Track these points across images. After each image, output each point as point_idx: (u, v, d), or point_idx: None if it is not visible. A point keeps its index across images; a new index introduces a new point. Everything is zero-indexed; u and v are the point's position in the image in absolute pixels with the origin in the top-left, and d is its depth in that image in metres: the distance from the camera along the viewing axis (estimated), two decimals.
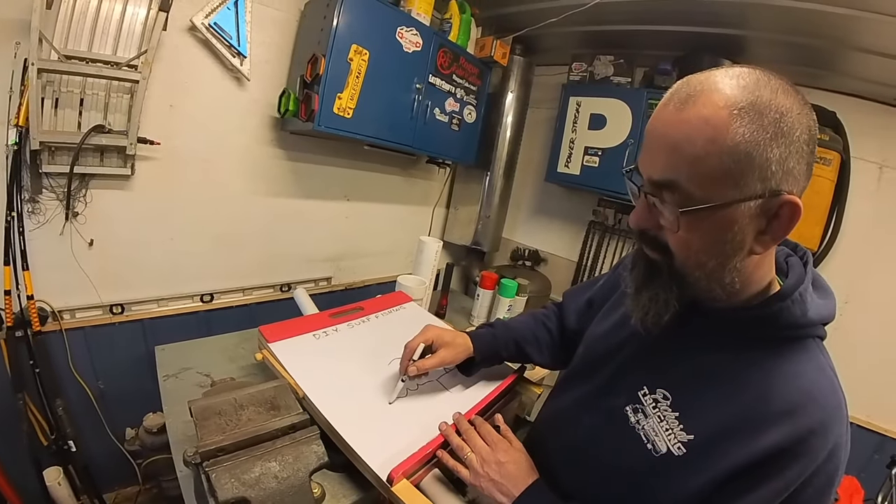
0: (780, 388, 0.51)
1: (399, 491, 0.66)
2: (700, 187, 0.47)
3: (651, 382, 0.61)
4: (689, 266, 0.53)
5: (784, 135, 0.45)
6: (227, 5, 1.49)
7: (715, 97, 0.46)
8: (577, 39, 2.32)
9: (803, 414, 0.50)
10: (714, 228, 0.49)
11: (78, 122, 1.35)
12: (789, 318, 0.52)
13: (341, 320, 1.07)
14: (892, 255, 1.91)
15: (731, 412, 0.53)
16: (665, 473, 0.56)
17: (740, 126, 0.44)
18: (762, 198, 0.47)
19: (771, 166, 0.45)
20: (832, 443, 0.50)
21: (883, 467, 1.50)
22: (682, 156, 0.47)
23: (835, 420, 0.51)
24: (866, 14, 1.44)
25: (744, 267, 0.52)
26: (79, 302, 1.48)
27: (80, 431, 1.50)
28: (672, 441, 0.56)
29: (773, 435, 0.49)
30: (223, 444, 0.60)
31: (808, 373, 0.53)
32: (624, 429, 0.61)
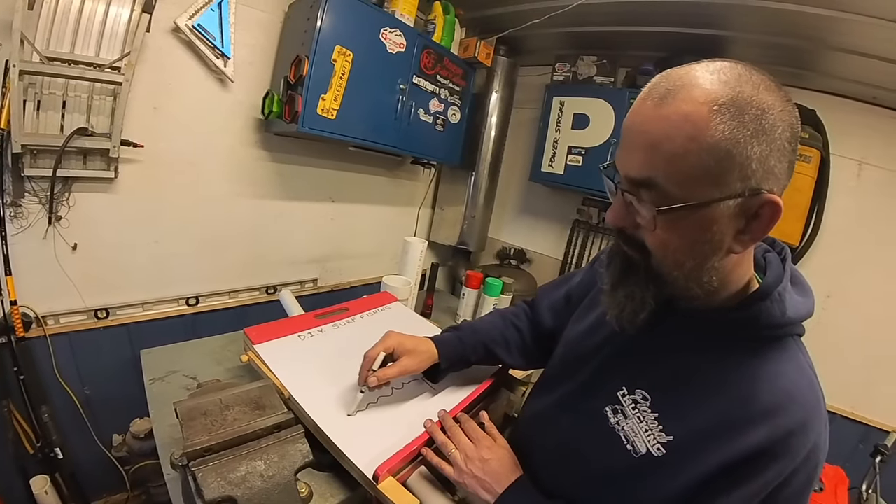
0: (759, 388, 0.51)
1: (385, 488, 0.66)
2: (678, 186, 0.46)
3: (630, 383, 0.60)
4: (667, 265, 0.52)
5: (765, 132, 0.44)
6: (211, 7, 1.49)
7: (695, 92, 0.44)
8: (561, 40, 2.34)
9: (783, 414, 0.49)
10: (692, 228, 0.48)
11: (60, 125, 1.34)
12: (769, 319, 0.52)
13: (326, 321, 1.07)
14: (873, 249, 1.95)
15: (710, 413, 0.52)
16: (644, 475, 0.56)
17: (720, 123, 0.43)
18: (742, 197, 0.46)
19: (751, 164, 0.44)
20: (811, 442, 0.49)
21: (867, 457, 1.53)
22: (660, 153, 0.46)
23: (814, 419, 0.50)
24: (846, 15, 1.47)
25: (722, 266, 0.51)
26: (63, 307, 1.46)
27: (66, 438, 1.48)
28: (651, 442, 0.55)
29: (753, 436, 0.49)
30: (209, 444, 0.60)
31: (787, 373, 0.52)
32: (604, 430, 0.61)
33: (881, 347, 1.94)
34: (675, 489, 0.53)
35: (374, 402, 0.83)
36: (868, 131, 1.96)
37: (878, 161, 1.95)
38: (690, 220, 0.47)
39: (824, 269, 2.00)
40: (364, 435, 0.75)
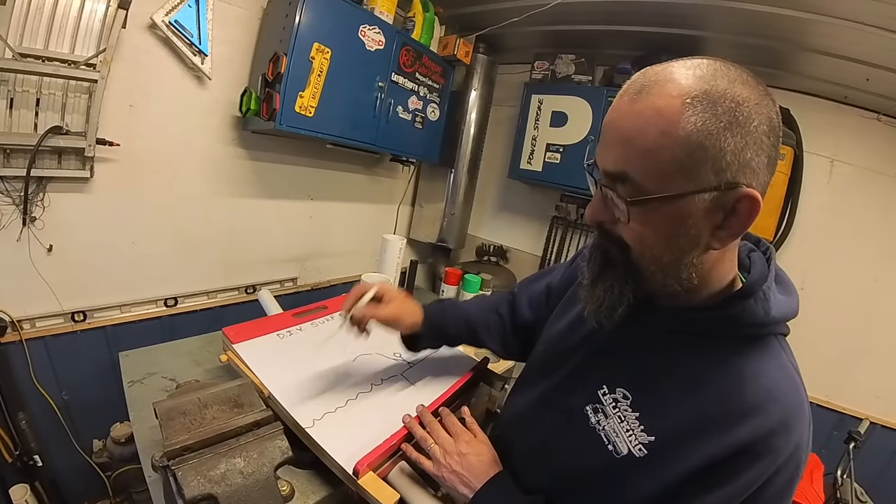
0: (741, 387, 0.50)
1: (366, 483, 0.66)
2: (652, 179, 0.46)
3: (611, 381, 0.59)
4: (645, 260, 0.51)
5: (740, 125, 0.43)
6: (189, 3, 1.46)
7: (669, 87, 0.45)
8: (540, 39, 2.37)
9: (765, 413, 0.48)
10: (667, 221, 0.48)
11: (34, 123, 1.30)
12: (752, 318, 0.51)
13: (305, 319, 1.08)
14: (844, 243, 2.02)
15: (692, 412, 0.52)
16: (626, 475, 0.54)
17: (693, 115, 0.43)
18: (717, 190, 0.45)
19: (725, 157, 0.44)
20: (794, 442, 0.49)
21: (841, 443, 1.57)
22: (634, 148, 0.46)
23: (796, 419, 0.50)
24: (818, 17, 1.52)
25: (701, 263, 0.50)
26: (39, 310, 1.43)
27: (45, 446, 1.45)
28: (633, 442, 0.54)
29: (734, 435, 0.48)
30: (188, 443, 0.60)
31: (769, 371, 0.51)
32: (584, 429, 0.59)
33: (853, 337, 2.02)
34: (656, 489, 0.52)
35: (354, 399, 0.84)
36: (839, 130, 2.02)
37: (848, 158, 2.02)
38: (663, 212, 0.47)
39: (797, 263, 2.06)
40: (344, 431, 0.75)
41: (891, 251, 1.95)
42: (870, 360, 1.99)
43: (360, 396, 0.85)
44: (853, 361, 2.01)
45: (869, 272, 1.98)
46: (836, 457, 1.54)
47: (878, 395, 1.98)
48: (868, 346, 1.99)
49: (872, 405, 1.97)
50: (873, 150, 1.98)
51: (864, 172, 1.99)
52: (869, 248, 1.98)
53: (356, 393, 0.85)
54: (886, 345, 1.96)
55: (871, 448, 1.84)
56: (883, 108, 1.93)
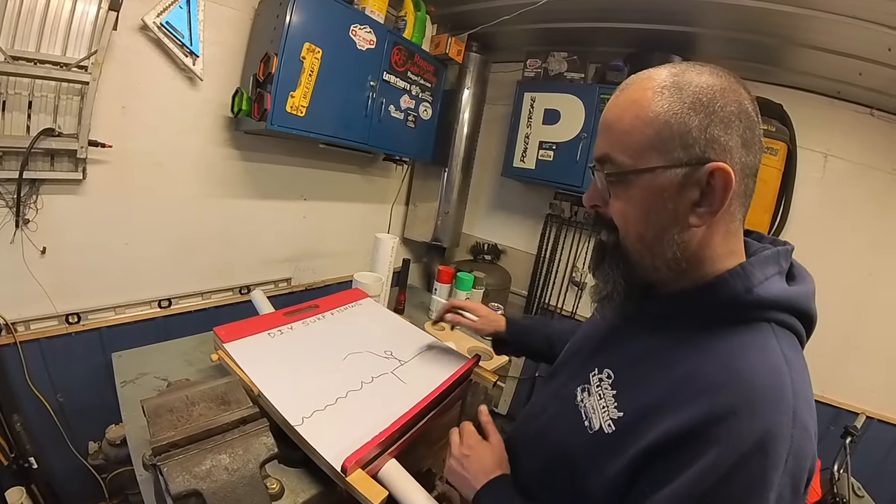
0: (707, 365, 0.48)
1: (354, 480, 0.67)
2: (629, 156, 0.51)
3: (602, 364, 0.61)
4: (630, 238, 0.54)
5: (703, 105, 0.48)
6: (180, 4, 1.47)
7: (644, 82, 0.51)
8: (532, 37, 2.38)
9: (725, 393, 0.45)
10: (645, 195, 0.51)
11: (27, 126, 1.31)
12: (729, 293, 0.50)
13: (296, 318, 1.08)
14: (838, 237, 2.02)
15: (658, 390, 0.50)
16: (596, 452, 0.54)
17: (660, 100, 0.49)
18: (688, 165, 0.48)
19: (691, 133, 0.48)
20: (762, 430, 0.42)
21: (837, 438, 1.58)
22: (613, 132, 0.53)
23: (768, 404, 0.44)
24: (810, 12, 1.52)
25: (685, 242, 0.51)
26: (33, 313, 1.43)
27: (40, 448, 1.45)
28: (605, 418, 0.55)
29: (687, 412, 0.45)
30: (174, 439, 0.60)
31: (744, 352, 0.48)
32: (571, 408, 0.61)
33: (847, 332, 2.02)
34: (618, 467, 0.50)
35: (344, 397, 0.84)
36: (833, 125, 2.03)
37: (842, 153, 2.02)
38: (640, 186, 0.51)
39: None
40: (333, 429, 0.75)
41: (884, 246, 1.95)
42: (864, 354, 2.00)
43: (350, 394, 0.85)
44: (848, 356, 2.02)
45: (863, 266, 1.99)
46: (833, 452, 1.54)
47: (872, 390, 1.98)
48: (862, 340, 2.00)
49: (868, 399, 1.97)
50: (866, 145, 1.98)
51: (858, 167, 2.00)
52: (862, 243, 1.99)
53: (346, 391, 0.85)
54: (880, 339, 1.97)
55: (868, 442, 1.84)
56: (876, 102, 1.93)
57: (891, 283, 1.95)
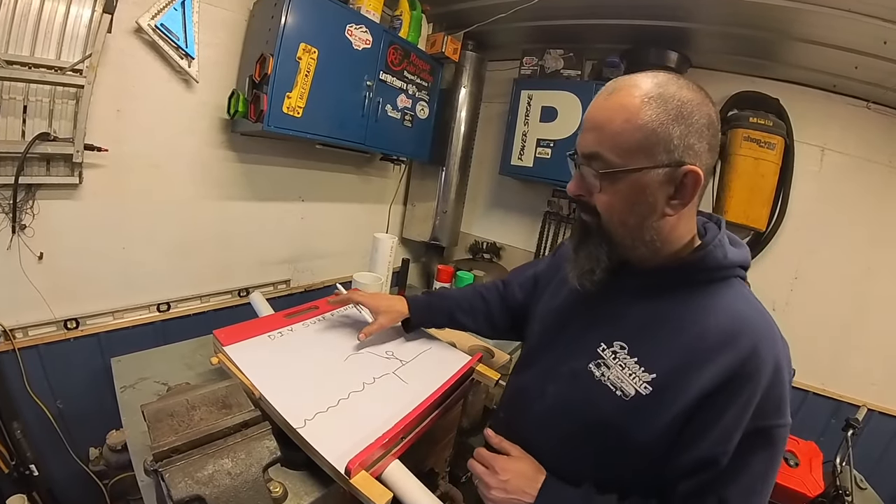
0: (715, 319, 0.60)
1: (358, 482, 0.66)
2: (618, 156, 0.59)
3: (607, 339, 0.68)
4: (614, 224, 0.63)
5: (684, 118, 0.57)
6: (174, 6, 1.46)
7: (633, 90, 0.59)
8: (528, 34, 2.37)
9: (741, 338, 0.58)
10: (630, 190, 0.60)
11: (22, 131, 1.29)
12: (714, 261, 0.63)
13: (296, 320, 1.07)
14: (837, 231, 2.03)
15: (679, 349, 0.61)
16: (637, 413, 0.62)
17: (649, 110, 0.57)
18: (668, 167, 0.58)
19: (673, 140, 0.57)
20: (772, 358, 0.58)
21: (839, 431, 1.57)
22: (604, 132, 0.60)
23: (769, 338, 0.59)
24: (806, 6, 1.53)
25: (660, 227, 0.63)
26: (31, 319, 1.42)
27: (41, 455, 1.44)
28: (638, 383, 0.62)
29: (720, 361, 0.57)
30: (176, 445, 0.60)
31: (736, 304, 0.62)
32: (590, 384, 0.67)
33: (847, 325, 2.03)
34: (667, 419, 0.60)
35: (346, 398, 0.83)
36: (829, 118, 2.03)
37: (839, 147, 2.03)
38: (627, 182, 0.60)
39: (791, 252, 2.07)
40: (336, 431, 0.75)
41: (883, 239, 1.96)
42: (864, 347, 2.00)
43: (352, 396, 0.84)
44: (848, 349, 2.02)
45: (861, 260, 1.99)
46: (835, 444, 1.54)
47: (873, 382, 1.99)
48: (862, 333, 2.00)
49: (869, 392, 1.98)
50: (863, 139, 1.98)
51: (855, 161, 2.00)
52: (861, 236, 1.99)
53: (348, 392, 0.85)
54: (880, 332, 1.97)
55: (869, 435, 1.85)
56: (872, 95, 1.93)
57: (890, 276, 1.95)
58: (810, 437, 1.63)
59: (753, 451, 0.57)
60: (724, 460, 0.56)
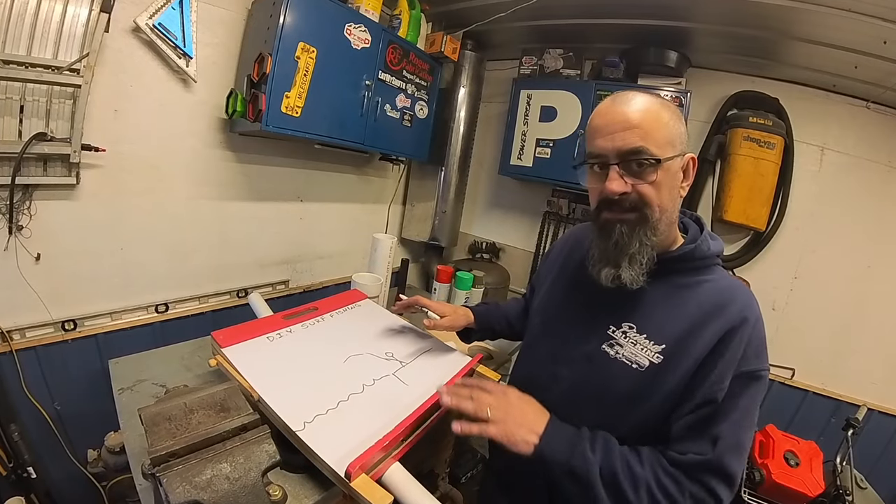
0: (708, 296, 0.74)
1: (358, 486, 0.65)
2: (660, 148, 0.70)
3: (616, 322, 0.78)
4: (657, 212, 0.72)
5: (682, 120, 0.74)
6: (172, 5, 1.45)
7: (647, 98, 0.73)
8: (527, 34, 2.37)
9: (731, 304, 0.72)
10: (668, 177, 0.72)
11: (18, 131, 1.29)
12: (702, 252, 0.77)
13: (295, 321, 1.06)
14: (836, 231, 2.03)
15: (681, 322, 0.73)
16: (653, 379, 0.72)
17: (665, 111, 0.72)
18: (683, 155, 0.74)
19: (682, 135, 0.74)
20: (755, 314, 0.72)
21: (839, 430, 1.58)
22: (644, 130, 0.70)
23: (750, 302, 0.74)
24: (805, 5, 1.52)
25: (675, 210, 0.77)
26: (28, 320, 1.42)
27: (39, 457, 1.43)
28: (650, 355, 0.73)
29: (717, 325, 0.70)
30: (174, 449, 0.59)
31: (721, 281, 0.77)
32: (607, 363, 0.76)
33: (847, 324, 2.02)
34: (677, 379, 0.71)
35: (345, 400, 0.83)
36: (829, 118, 2.03)
37: (838, 146, 2.03)
38: (665, 170, 0.71)
39: (791, 252, 2.07)
40: (335, 433, 0.74)
41: (883, 238, 1.96)
42: (865, 346, 2.00)
43: (351, 398, 0.84)
44: (848, 348, 2.02)
45: (862, 259, 1.99)
46: (835, 444, 1.54)
47: (873, 381, 1.99)
48: (862, 332, 2.00)
49: (869, 391, 1.98)
50: (863, 138, 1.98)
51: (855, 160, 2.00)
52: (861, 235, 1.99)
53: (347, 394, 0.84)
54: (880, 331, 1.97)
55: (869, 434, 1.85)
56: (871, 95, 1.93)
57: (890, 275, 1.95)
58: (810, 436, 1.63)
59: (741, 391, 0.69)
60: (720, 396, 0.67)
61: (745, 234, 2.13)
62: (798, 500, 1.41)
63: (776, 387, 2.09)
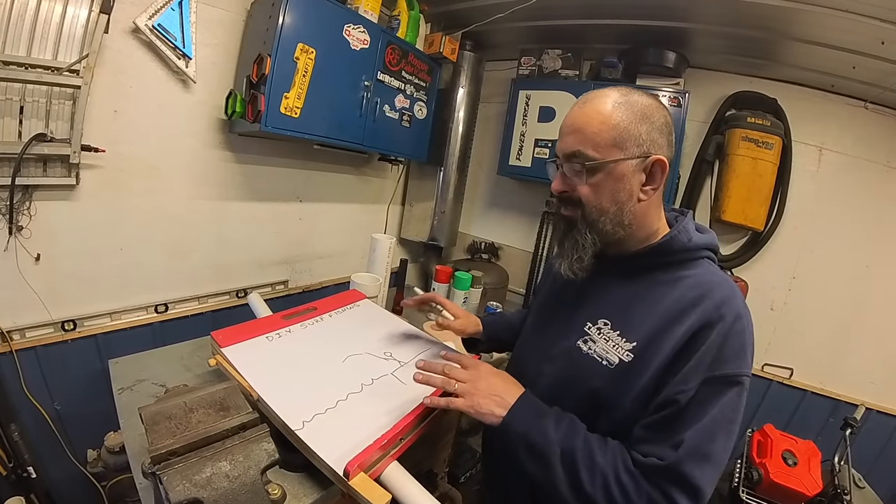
0: (684, 291, 0.71)
1: (357, 485, 0.66)
2: (597, 151, 0.70)
3: (592, 318, 0.78)
4: (596, 212, 0.73)
5: (647, 118, 0.71)
6: (171, 6, 1.45)
7: (604, 98, 0.72)
8: (526, 34, 2.37)
9: (706, 301, 0.68)
10: (610, 180, 0.71)
11: (18, 131, 1.29)
12: (679, 244, 0.74)
13: (294, 321, 1.06)
14: (834, 231, 2.03)
15: (655, 318, 0.70)
16: (622, 378, 0.70)
17: (618, 112, 0.70)
18: (639, 158, 0.71)
19: (641, 136, 0.70)
20: (735, 311, 0.67)
21: (837, 429, 1.58)
22: (584, 133, 0.71)
23: (732, 298, 0.69)
24: (803, 6, 1.53)
25: (636, 211, 0.74)
26: (28, 320, 1.42)
27: (39, 457, 1.43)
28: (620, 352, 0.71)
29: (689, 320, 0.67)
30: (173, 447, 0.59)
31: (701, 275, 0.73)
32: (580, 358, 0.76)
33: (845, 323, 2.03)
34: (646, 380, 0.68)
35: (344, 400, 0.83)
36: (827, 118, 2.04)
37: (837, 146, 2.03)
38: (607, 173, 0.71)
39: (789, 252, 2.08)
40: (334, 432, 0.74)
41: (881, 237, 1.96)
42: (863, 346, 2.01)
43: (350, 397, 0.84)
44: (846, 348, 2.03)
45: (860, 259, 1.99)
46: (833, 444, 1.54)
47: (872, 381, 1.99)
48: (860, 332, 2.01)
49: (867, 391, 1.98)
50: (861, 138, 1.99)
51: (853, 160, 2.01)
52: (859, 235, 2.00)
53: (346, 394, 0.84)
54: (879, 330, 1.98)
55: (867, 433, 1.85)
56: (869, 95, 1.94)
57: (888, 275, 1.96)
58: (808, 436, 1.63)
59: (712, 398, 0.63)
60: (682, 399, 0.63)
61: (743, 234, 2.14)
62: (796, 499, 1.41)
63: (774, 386, 2.10)
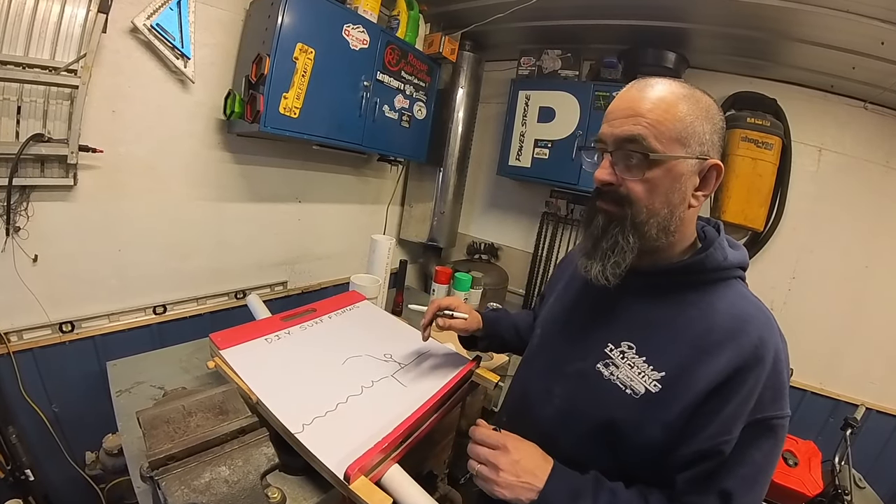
0: (719, 318, 0.63)
1: (357, 488, 0.65)
2: (660, 144, 0.61)
3: (614, 339, 0.69)
4: (646, 213, 0.64)
5: (710, 118, 0.63)
6: (170, 6, 1.45)
7: (668, 87, 0.64)
8: (526, 34, 2.37)
9: (743, 335, 0.61)
10: (668, 179, 0.62)
11: (16, 132, 1.29)
12: (714, 262, 0.66)
13: (293, 323, 1.06)
14: (834, 231, 2.03)
15: (684, 346, 0.63)
16: (647, 409, 0.63)
17: (684, 105, 0.62)
18: (698, 158, 0.63)
19: (704, 136, 0.63)
20: (774, 349, 0.61)
21: (837, 430, 1.58)
22: (647, 119, 0.61)
23: (768, 332, 0.62)
24: (803, 6, 1.53)
25: (684, 218, 0.66)
26: (26, 322, 1.41)
27: (37, 459, 1.43)
28: (647, 381, 0.64)
29: (725, 356, 0.60)
30: (172, 452, 0.59)
31: (736, 302, 0.65)
32: (599, 384, 0.68)
33: (845, 323, 2.03)
34: (674, 415, 0.61)
35: (344, 402, 0.83)
36: (827, 118, 2.04)
37: (836, 147, 2.03)
38: (664, 170, 0.62)
39: (788, 252, 2.08)
40: (334, 435, 0.74)
41: (880, 237, 1.96)
42: (862, 345, 2.01)
43: (350, 400, 0.84)
44: (846, 348, 2.03)
45: (859, 259, 1.99)
46: (834, 444, 1.54)
47: (872, 381, 1.99)
48: (860, 331, 2.01)
49: (867, 391, 1.99)
50: (860, 139, 1.99)
51: (852, 160, 2.01)
52: (859, 235, 2.00)
53: (346, 396, 0.84)
54: (878, 330, 1.98)
55: (868, 434, 1.85)
56: (869, 96, 1.94)
57: (888, 275, 1.96)
58: (809, 436, 1.63)
59: (755, 443, 0.59)
60: (726, 449, 0.58)
61: (742, 234, 2.13)
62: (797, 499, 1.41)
63: None
